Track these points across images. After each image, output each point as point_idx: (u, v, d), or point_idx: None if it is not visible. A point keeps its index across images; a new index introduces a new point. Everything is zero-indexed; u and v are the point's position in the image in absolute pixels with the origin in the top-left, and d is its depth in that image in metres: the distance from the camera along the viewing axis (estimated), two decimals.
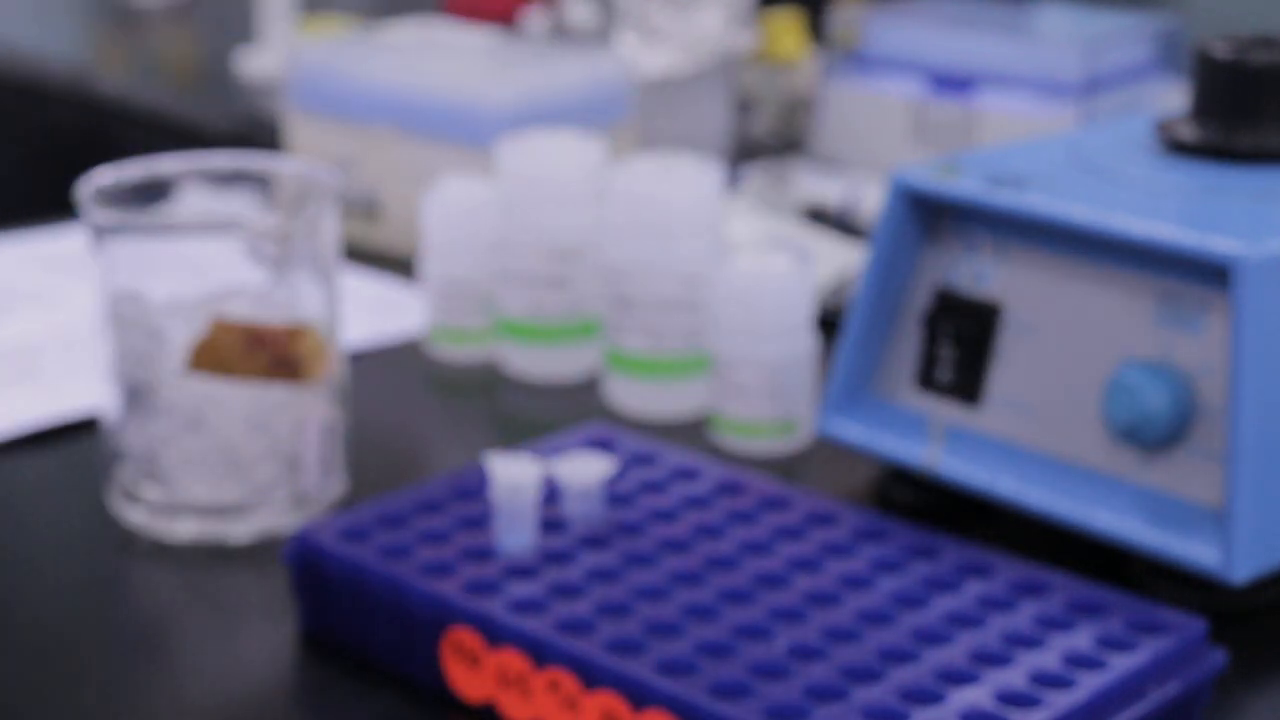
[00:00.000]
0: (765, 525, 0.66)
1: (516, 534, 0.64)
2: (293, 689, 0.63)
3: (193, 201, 0.76)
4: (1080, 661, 0.57)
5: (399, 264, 1.02)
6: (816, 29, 1.29)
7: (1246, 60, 0.69)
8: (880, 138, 1.11)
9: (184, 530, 0.71)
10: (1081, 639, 0.58)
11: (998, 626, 0.59)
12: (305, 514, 0.72)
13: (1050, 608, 0.60)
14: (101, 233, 0.71)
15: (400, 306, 0.96)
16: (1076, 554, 0.68)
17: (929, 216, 0.71)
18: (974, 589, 0.62)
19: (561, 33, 1.28)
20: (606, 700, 0.56)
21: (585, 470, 0.67)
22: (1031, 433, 0.68)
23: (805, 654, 0.58)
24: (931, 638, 0.59)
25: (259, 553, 0.70)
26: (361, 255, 1.03)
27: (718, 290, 0.79)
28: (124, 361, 0.71)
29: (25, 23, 1.67)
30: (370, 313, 0.95)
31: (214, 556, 0.70)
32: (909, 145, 1.10)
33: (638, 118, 1.08)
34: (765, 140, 1.23)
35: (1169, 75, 1.11)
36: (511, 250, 0.87)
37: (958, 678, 0.56)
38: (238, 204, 0.76)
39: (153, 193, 0.75)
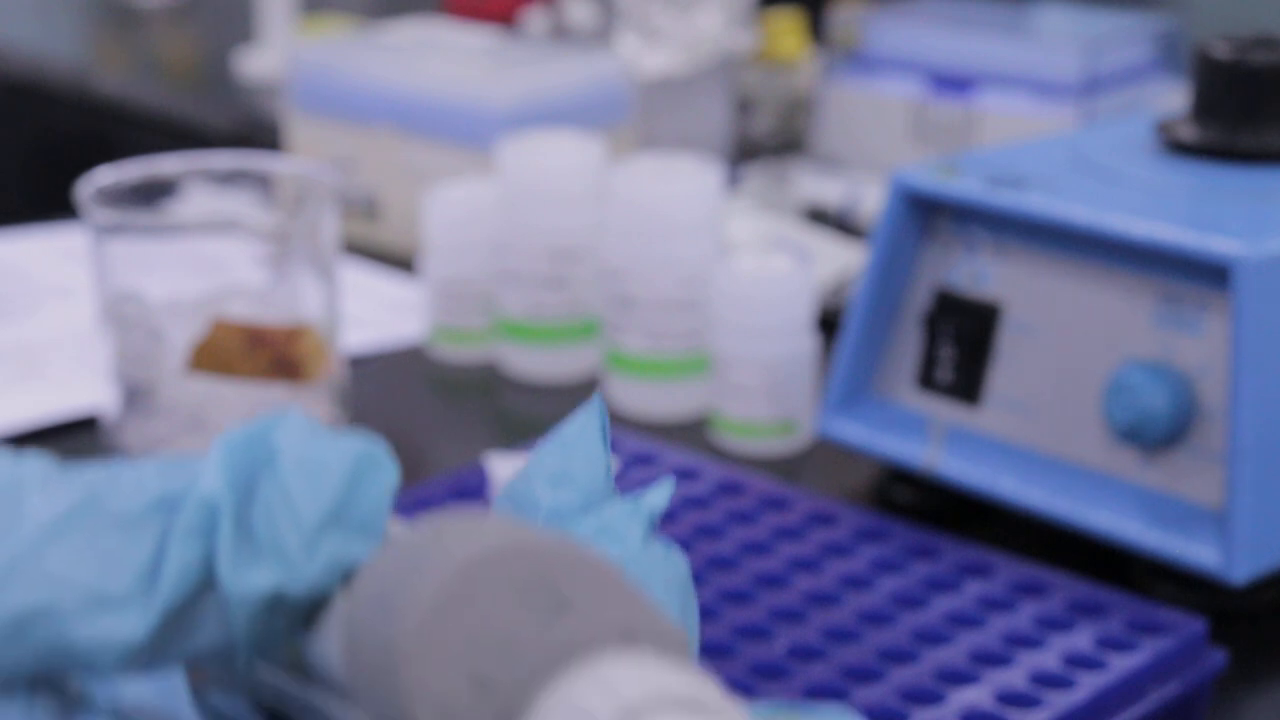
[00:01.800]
0: (765, 525, 0.66)
1: None
2: None
3: (193, 201, 0.76)
4: (1080, 661, 0.57)
5: (399, 264, 1.02)
6: (816, 29, 1.29)
7: (1246, 60, 0.69)
8: (880, 138, 1.11)
9: None
10: (1081, 639, 0.58)
11: (998, 626, 0.59)
12: None
13: (1050, 608, 0.60)
14: (101, 233, 0.71)
15: (400, 307, 0.96)
16: (1076, 554, 0.68)
17: (929, 216, 0.71)
18: (974, 589, 0.62)
19: (561, 33, 1.28)
20: None
21: None
22: (1031, 433, 0.68)
23: (805, 654, 0.58)
24: (931, 638, 0.59)
25: None
26: (361, 255, 1.03)
27: (718, 290, 0.79)
28: (124, 361, 0.71)
29: (25, 23, 1.67)
30: (370, 313, 0.95)
31: None
32: (909, 145, 1.10)
33: (638, 118, 1.08)
34: (765, 140, 1.23)
35: (1169, 75, 1.11)
36: (511, 250, 0.87)
37: (958, 678, 0.56)
38: (238, 204, 0.76)
39: (153, 193, 0.75)
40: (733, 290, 0.78)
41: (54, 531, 0.34)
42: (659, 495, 0.38)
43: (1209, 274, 0.63)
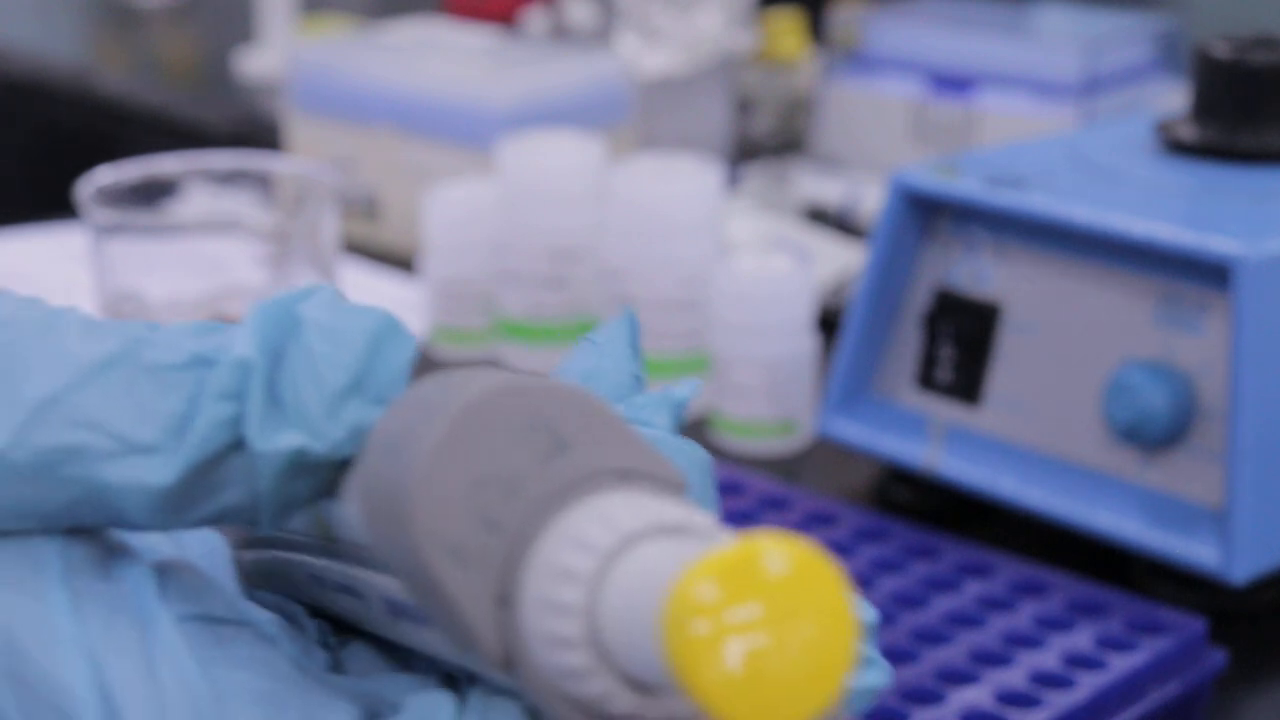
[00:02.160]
0: (765, 525, 0.66)
1: None
2: None
3: (193, 201, 0.76)
4: (1080, 661, 0.57)
5: (399, 264, 1.02)
6: (816, 29, 1.29)
7: (1246, 60, 0.69)
8: (880, 138, 1.11)
9: None
10: (1081, 639, 0.58)
11: (998, 626, 0.59)
12: None
13: (1050, 608, 0.60)
14: (101, 233, 0.71)
15: (400, 307, 0.96)
16: (1076, 554, 0.68)
17: (929, 216, 0.71)
18: (974, 589, 0.62)
19: (561, 33, 1.28)
20: None
21: None
22: (1031, 433, 0.68)
23: None
24: (931, 638, 0.59)
25: None
26: (361, 255, 1.03)
27: (718, 290, 0.79)
28: None
29: (25, 23, 1.67)
30: None
31: None
32: (909, 145, 1.10)
33: (638, 118, 1.08)
34: (765, 140, 1.23)
35: (1169, 75, 1.11)
36: (511, 250, 0.87)
37: (958, 678, 0.56)
38: (238, 204, 0.76)
39: (153, 193, 0.75)
40: (733, 290, 0.78)
41: (91, 375, 0.35)
42: (686, 387, 0.39)
43: (1209, 274, 0.63)
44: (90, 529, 0.36)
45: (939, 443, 0.70)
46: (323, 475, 0.35)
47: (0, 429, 0.34)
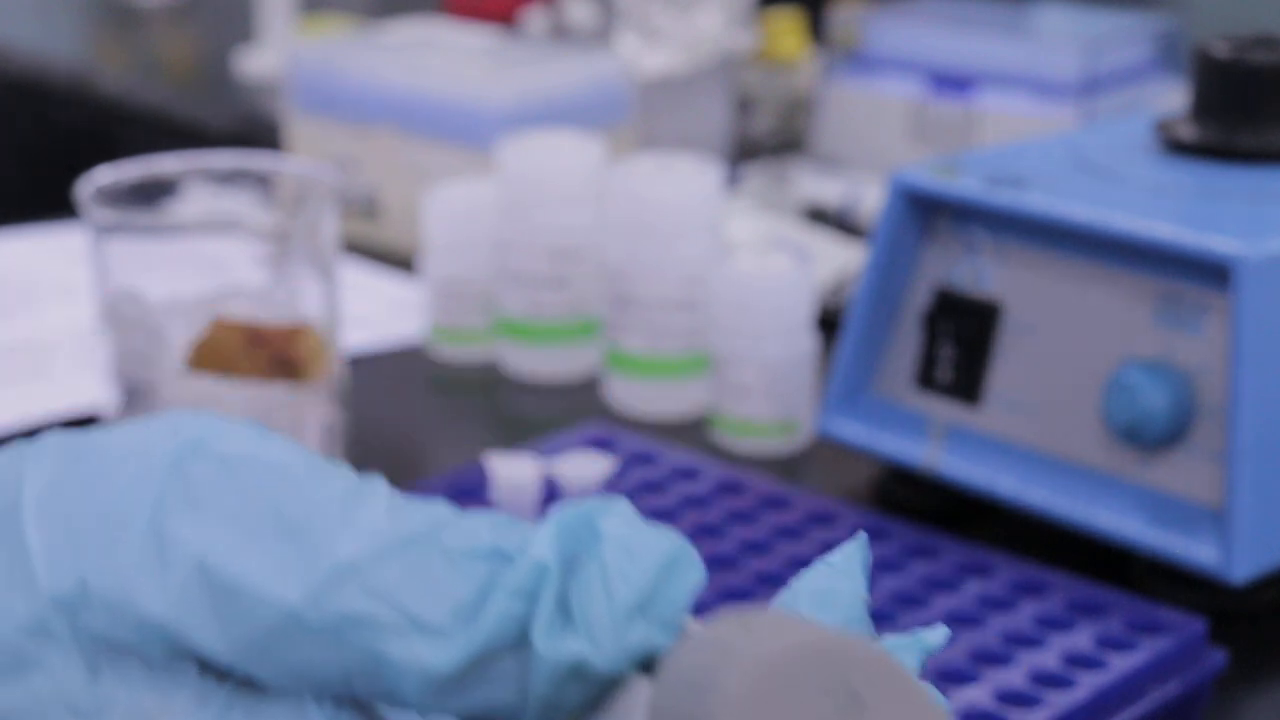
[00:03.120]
0: (765, 525, 0.66)
1: None
2: None
3: (193, 201, 0.76)
4: (1080, 661, 0.57)
5: (399, 264, 1.02)
6: (816, 29, 1.29)
7: (1246, 60, 0.70)
8: (880, 138, 1.11)
9: None
10: (1081, 639, 0.58)
11: (998, 626, 0.59)
12: None
13: (1050, 608, 0.60)
14: (101, 232, 0.71)
15: (400, 307, 0.96)
16: (1076, 554, 0.68)
17: (929, 216, 0.71)
18: (974, 589, 0.62)
19: (561, 33, 1.28)
20: None
21: (585, 470, 0.67)
22: (1031, 432, 0.68)
23: None
24: None
25: None
26: (361, 255, 1.03)
27: (718, 290, 0.79)
28: (124, 361, 0.71)
29: (25, 22, 1.67)
30: (370, 313, 0.95)
31: None
32: (909, 145, 1.10)
33: (638, 118, 1.08)
34: (765, 140, 1.23)
35: (1169, 75, 1.11)
36: (511, 250, 0.87)
37: (958, 677, 0.56)
38: (238, 204, 0.76)
39: (153, 192, 0.75)
40: (732, 290, 0.78)
41: (392, 549, 0.35)
42: (937, 635, 0.40)
43: (1209, 274, 0.63)
44: (357, 701, 0.37)
45: (939, 442, 0.70)
46: (595, 688, 0.36)
47: (299, 585, 0.35)
